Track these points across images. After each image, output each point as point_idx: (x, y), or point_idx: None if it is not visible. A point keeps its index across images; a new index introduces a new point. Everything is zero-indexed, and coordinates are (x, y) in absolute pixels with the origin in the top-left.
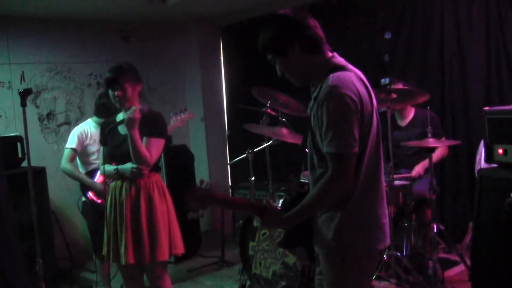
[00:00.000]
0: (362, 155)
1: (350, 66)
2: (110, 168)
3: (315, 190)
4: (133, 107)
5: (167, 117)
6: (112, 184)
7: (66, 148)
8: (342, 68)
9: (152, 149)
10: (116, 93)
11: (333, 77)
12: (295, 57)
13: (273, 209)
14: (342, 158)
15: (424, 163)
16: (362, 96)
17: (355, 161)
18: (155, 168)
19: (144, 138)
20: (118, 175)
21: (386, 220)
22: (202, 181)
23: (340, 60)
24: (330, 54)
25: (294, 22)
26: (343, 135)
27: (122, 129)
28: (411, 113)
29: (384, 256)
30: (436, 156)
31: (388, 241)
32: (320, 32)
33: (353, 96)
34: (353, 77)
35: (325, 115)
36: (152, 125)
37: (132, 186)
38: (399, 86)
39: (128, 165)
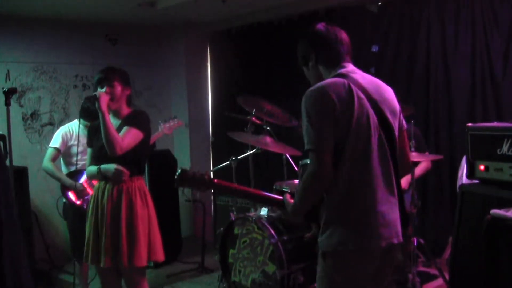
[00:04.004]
0: (342, 155)
1: (351, 75)
2: (93, 168)
3: (299, 185)
4: (104, 88)
5: (156, 123)
6: (96, 185)
7: (50, 147)
8: (339, 75)
9: (127, 136)
10: (104, 89)
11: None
12: (312, 69)
13: (286, 204)
14: (316, 154)
15: (408, 178)
16: (338, 99)
17: (333, 159)
18: (139, 172)
19: (124, 128)
20: (101, 175)
21: (378, 221)
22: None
23: (346, 70)
24: (344, 65)
25: (313, 37)
26: (314, 133)
27: None
28: None
29: None
30: (419, 170)
31: (379, 243)
32: (341, 48)
33: (323, 97)
34: (336, 81)
35: (302, 115)
36: (133, 118)
37: (114, 189)
38: None
39: (111, 166)
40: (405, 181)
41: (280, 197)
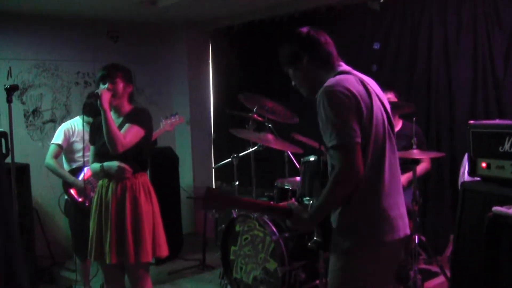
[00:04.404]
0: (365, 149)
1: (353, 72)
2: (96, 165)
3: (327, 186)
4: (106, 85)
5: (157, 120)
6: (100, 182)
7: (52, 143)
8: (342, 73)
9: (128, 133)
10: (107, 86)
11: (328, 81)
12: (303, 70)
13: (298, 210)
14: (346, 149)
15: (408, 175)
16: (358, 93)
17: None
18: (142, 168)
19: (126, 125)
20: (104, 173)
21: (395, 212)
22: (219, 184)
23: (344, 68)
24: (338, 65)
25: (305, 38)
26: (343, 127)
27: None
28: (398, 125)
29: None
30: (418, 170)
31: (398, 234)
32: (331, 48)
33: (346, 92)
34: (348, 77)
35: (322, 113)
36: (135, 115)
37: (118, 186)
38: (390, 95)
39: (114, 163)
40: (405, 179)
41: (287, 207)
